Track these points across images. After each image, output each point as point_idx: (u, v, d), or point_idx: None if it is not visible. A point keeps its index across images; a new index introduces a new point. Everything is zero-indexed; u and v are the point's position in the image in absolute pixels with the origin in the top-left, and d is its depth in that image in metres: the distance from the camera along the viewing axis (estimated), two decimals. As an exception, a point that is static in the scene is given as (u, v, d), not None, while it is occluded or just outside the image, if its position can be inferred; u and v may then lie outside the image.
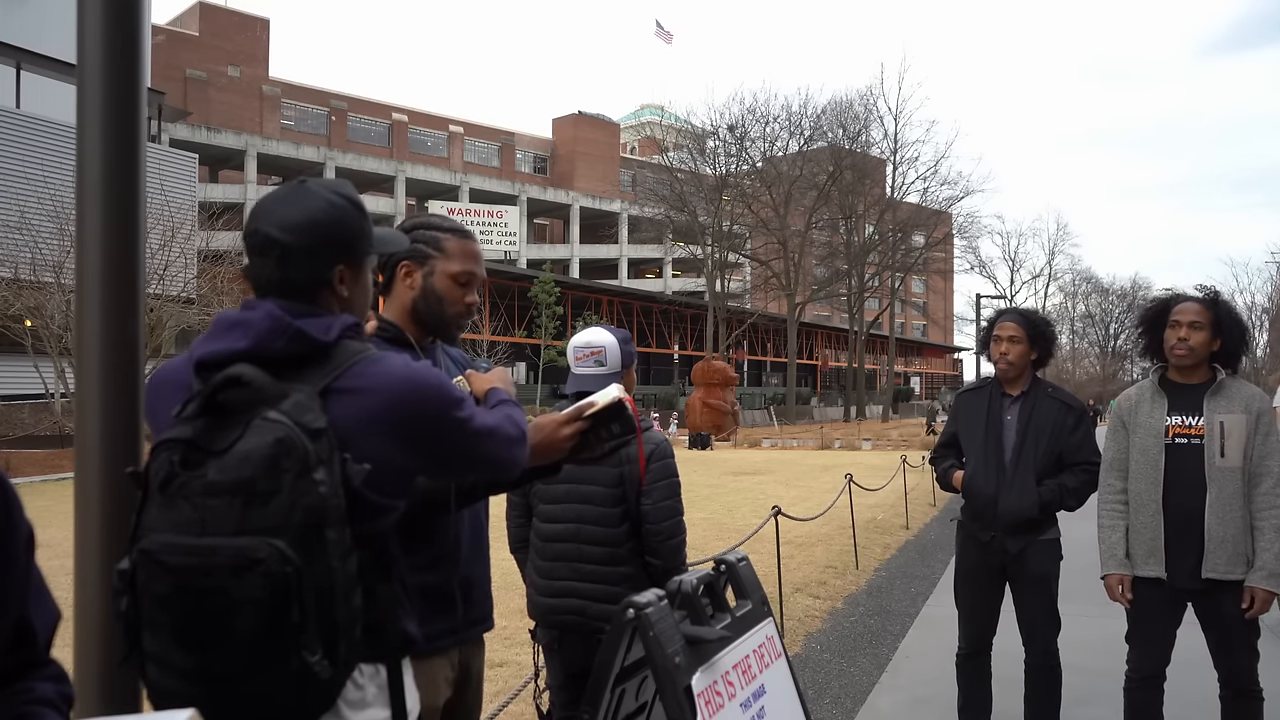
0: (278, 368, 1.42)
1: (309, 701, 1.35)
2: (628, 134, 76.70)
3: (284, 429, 1.33)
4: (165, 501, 1.34)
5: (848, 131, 50.47)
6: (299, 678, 1.31)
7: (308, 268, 1.52)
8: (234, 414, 1.36)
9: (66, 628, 1.34)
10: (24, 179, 21.19)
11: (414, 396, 1.48)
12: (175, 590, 1.31)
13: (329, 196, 1.55)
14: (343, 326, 1.50)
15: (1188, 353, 3.30)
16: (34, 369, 20.73)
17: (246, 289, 1.55)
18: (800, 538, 9.51)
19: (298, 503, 1.31)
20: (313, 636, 1.30)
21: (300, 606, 1.29)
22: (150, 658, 1.36)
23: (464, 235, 2.08)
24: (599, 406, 1.87)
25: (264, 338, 1.43)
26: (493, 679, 4.71)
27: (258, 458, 1.31)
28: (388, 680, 1.49)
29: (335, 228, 1.54)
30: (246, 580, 1.28)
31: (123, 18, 1.64)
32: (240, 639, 1.29)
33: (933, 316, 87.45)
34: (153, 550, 1.33)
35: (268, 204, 1.55)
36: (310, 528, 1.31)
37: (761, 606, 1.98)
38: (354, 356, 1.48)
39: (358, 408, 1.44)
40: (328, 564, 1.32)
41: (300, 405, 1.37)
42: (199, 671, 1.32)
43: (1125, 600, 3.38)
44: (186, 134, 43.68)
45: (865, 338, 57.04)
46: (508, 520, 3.09)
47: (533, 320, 40.75)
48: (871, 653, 5.72)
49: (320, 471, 1.33)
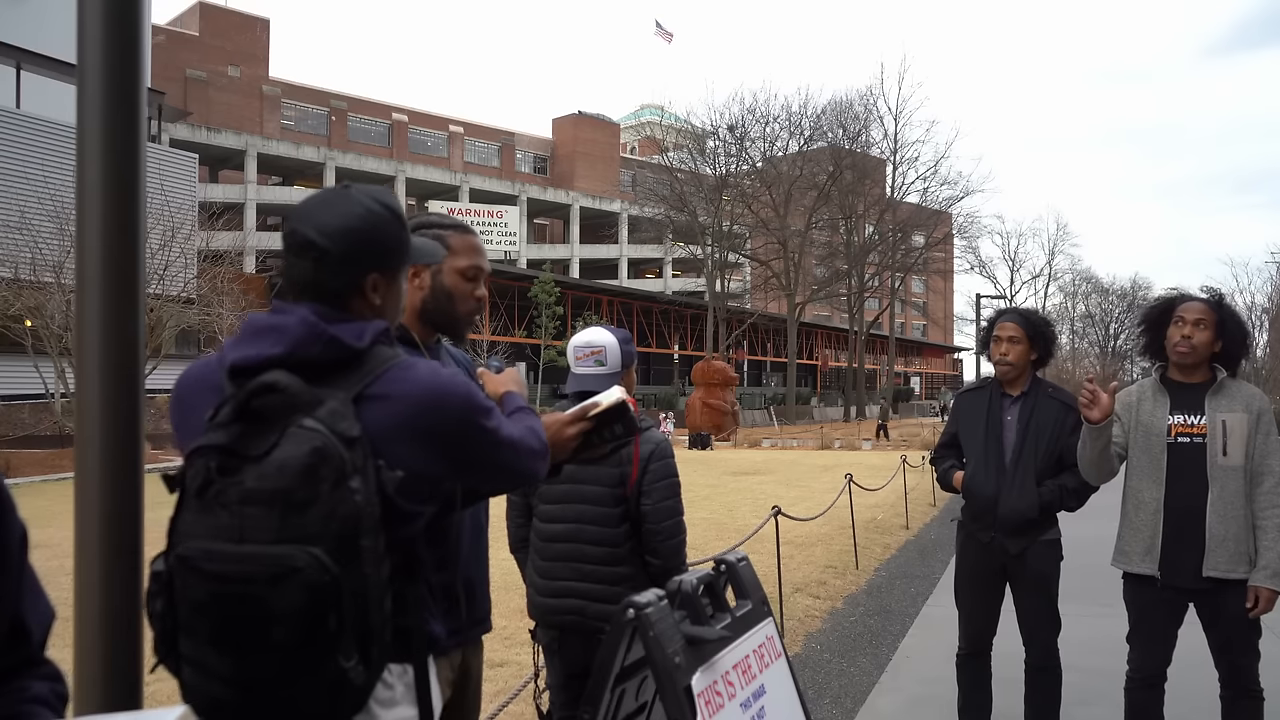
0: (311, 373, 1.42)
1: (343, 705, 1.36)
2: (628, 134, 76.70)
3: (320, 438, 1.34)
4: (202, 507, 1.35)
5: (848, 131, 50.53)
6: (334, 683, 1.33)
7: (342, 273, 1.53)
8: (269, 420, 1.37)
9: (66, 628, 1.34)
10: (24, 179, 21.21)
11: (444, 403, 1.49)
12: (213, 597, 1.32)
13: (369, 204, 1.56)
14: (375, 333, 1.51)
15: (1190, 350, 3.30)
16: (34, 369, 20.73)
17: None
18: (800, 538, 9.51)
19: (334, 511, 1.32)
20: (349, 643, 1.32)
21: (338, 614, 1.31)
22: (187, 661, 1.37)
23: (466, 231, 2.09)
24: (603, 407, 1.89)
25: (299, 344, 1.44)
26: (493, 679, 4.71)
27: (295, 467, 1.32)
28: (415, 680, 1.52)
29: (372, 235, 1.55)
30: (285, 588, 1.29)
31: (123, 18, 1.64)
32: (277, 645, 1.30)
33: (933, 316, 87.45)
34: (190, 556, 1.34)
35: (309, 206, 1.57)
36: (346, 536, 1.32)
37: (761, 606, 1.98)
38: (386, 363, 1.49)
39: (389, 414, 1.45)
40: (362, 571, 1.33)
41: (335, 413, 1.38)
42: (236, 676, 1.33)
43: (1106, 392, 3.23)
44: (186, 134, 43.66)
45: (865, 338, 57.05)
46: (508, 520, 3.09)
47: (533, 320, 40.76)
48: (871, 653, 5.72)
49: (356, 480, 1.34)
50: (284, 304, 1.53)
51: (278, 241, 1.66)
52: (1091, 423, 3.24)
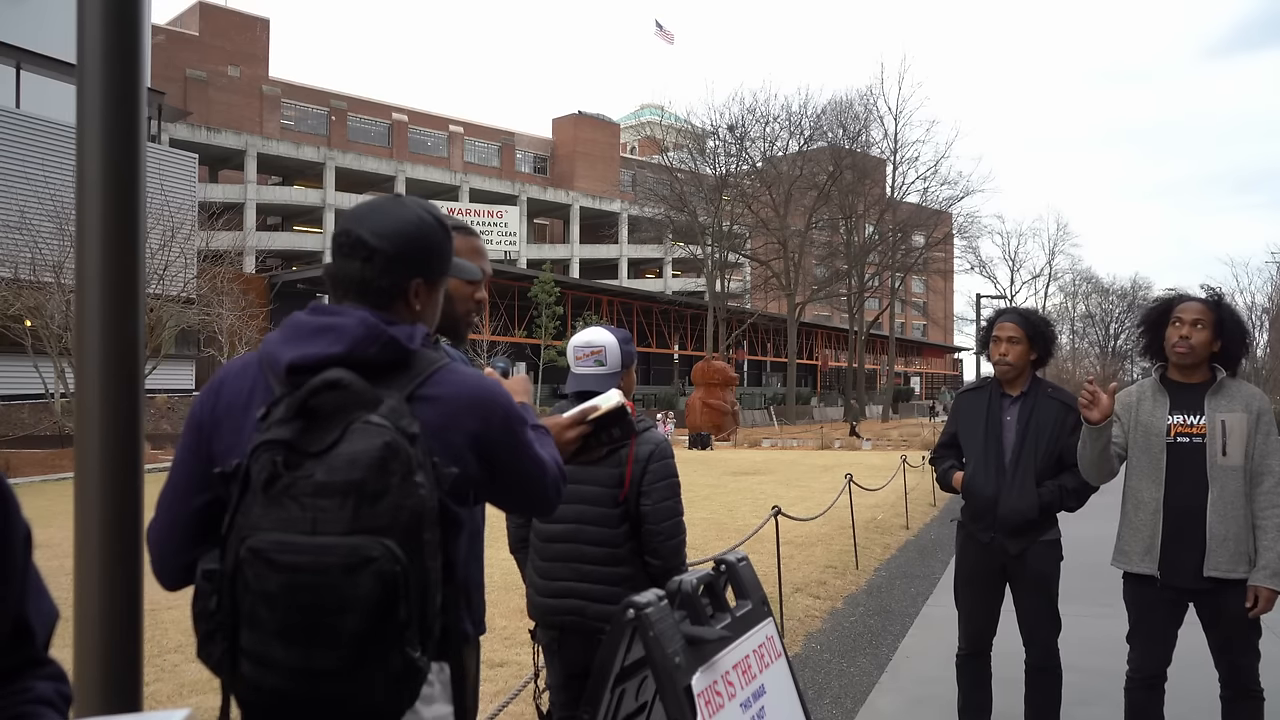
0: (368, 373, 1.46)
1: (403, 695, 1.39)
2: (628, 134, 76.69)
3: (389, 433, 1.37)
4: (270, 501, 1.36)
5: (848, 131, 50.44)
6: (400, 673, 1.36)
7: (389, 274, 1.58)
8: (330, 416, 1.40)
9: (66, 628, 1.34)
10: (24, 179, 21.22)
11: (491, 406, 1.56)
12: (284, 588, 1.34)
13: (420, 213, 1.63)
14: (422, 335, 1.56)
15: (1188, 351, 3.31)
16: (34, 369, 20.74)
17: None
18: (800, 538, 9.51)
19: (403, 504, 1.35)
20: (414, 633, 1.36)
21: (407, 604, 1.34)
22: (247, 654, 1.38)
23: (469, 233, 2.11)
24: (602, 410, 1.91)
25: (359, 344, 1.48)
26: (493, 679, 4.71)
27: (367, 460, 1.35)
28: (451, 677, 1.55)
29: (421, 242, 1.61)
30: (359, 578, 1.32)
31: (123, 18, 1.64)
32: (347, 635, 1.33)
33: (933, 316, 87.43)
34: (262, 549, 1.35)
35: (362, 210, 1.62)
36: (412, 528, 1.36)
37: (761, 606, 1.98)
38: (434, 364, 1.55)
39: (440, 414, 1.50)
40: (424, 563, 1.37)
41: (396, 410, 1.42)
42: (302, 668, 1.35)
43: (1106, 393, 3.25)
44: (186, 134, 43.65)
45: (865, 338, 57.03)
46: (507, 520, 3.09)
47: (533, 320, 40.72)
48: (871, 653, 5.72)
49: (420, 474, 1.38)
50: (333, 305, 1.57)
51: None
52: (1091, 423, 3.24)
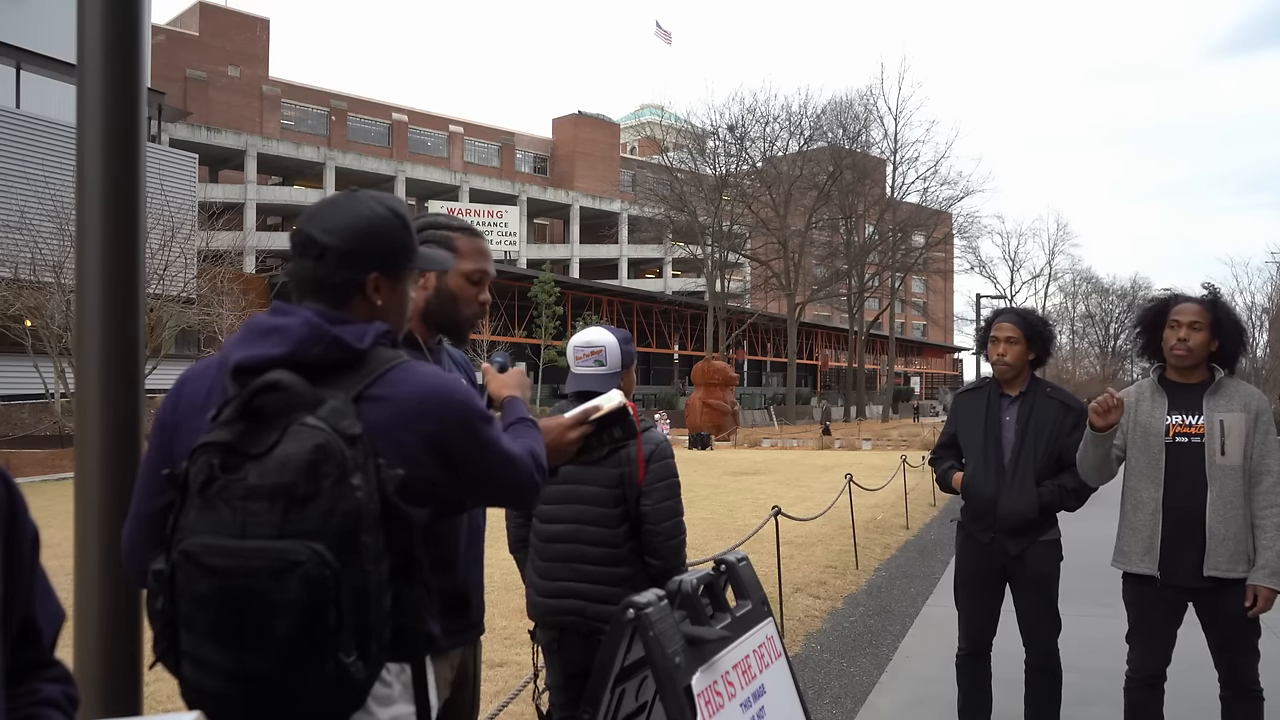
0: (313, 374, 1.44)
1: (342, 701, 1.38)
2: (628, 134, 76.66)
3: (323, 435, 1.36)
4: (205, 504, 1.36)
5: (848, 131, 50.48)
6: (334, 678, 1.35)
7: (342, 270, 1.55)
8: (271, 419, 1.39)
9: (66, 628, 1.34)
10: (24, 179, 21.19)
11: (444, 405, 1.51)
12: (214, 591, 1.34)
13: (373, 205, 1.60)
14: (376, 334, 1.53)
15: (1186, 353, 3.31)
16: (34, 369, 20.72)
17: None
18: (800, 538, 9.50)
19: (335, 507, 1.34)
20: (348, 638, 1.34)
21: (337, 609, 1.33)
22: (187, 656, 1.39)
23: (473, 233, 2.09)
24: (604, 411, 1.89)
25: (302, 344, 1.46)
26: (493, 679, 4.71)
27: (297, 463, 1.34)
28: (412, 678, 1.54)
29: (373, 237, 1.57)
30: (286, 582, 1.31)
31: (123, 18, 1.64)
32: (278, 639, 1.32)
33: (933, 316, 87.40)
34: (193, 552, 1.35)
35: (315, 208, 1.60)
36: (347, 532, 1.34)
37: (761, 606, 1.98)
38: (386, 364, 1.51)
39: (389, 414, 1.47)
40: (363, 568, 1.35)
41: (337, 411, 1.40)
42: (236, 670, 1.35)
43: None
44: (186, 134, 43.63)
45: (865, 338, 57.03)
46: (507, 520, 3.09)
47: (533, 320, 40.75)
48: (871, 653, 5.72)
49: (357, 477, 1.36)
50: (286, 305, 1.54)
51: (277, 241, 1.68)
52: (1096, 429, 3.24)
